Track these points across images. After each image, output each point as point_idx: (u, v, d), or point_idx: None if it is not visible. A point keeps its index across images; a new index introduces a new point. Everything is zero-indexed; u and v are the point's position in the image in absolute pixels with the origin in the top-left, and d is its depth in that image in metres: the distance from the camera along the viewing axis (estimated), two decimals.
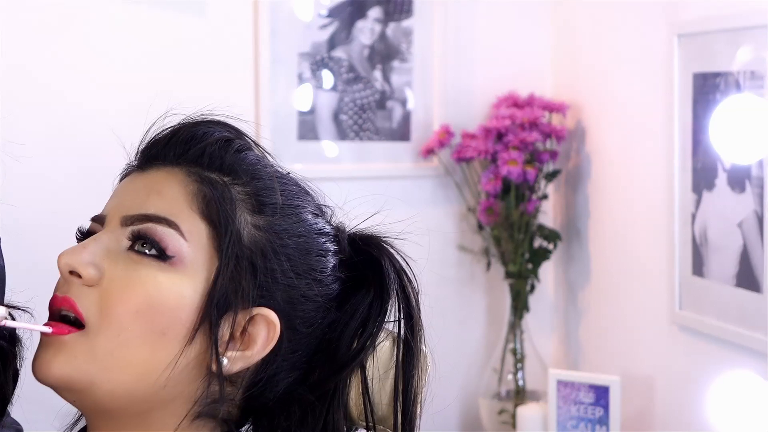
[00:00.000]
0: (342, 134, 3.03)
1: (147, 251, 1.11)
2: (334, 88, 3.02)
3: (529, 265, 3.03)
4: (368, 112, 3.05)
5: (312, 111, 3.00)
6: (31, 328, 1.17)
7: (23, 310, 1.32)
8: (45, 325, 1.13)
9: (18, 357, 1.32)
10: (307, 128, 3.00)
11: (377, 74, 3.04)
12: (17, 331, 1.28)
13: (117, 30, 2.79)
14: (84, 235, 1.18)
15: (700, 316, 2.54)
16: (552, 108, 3.02)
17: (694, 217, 2.55)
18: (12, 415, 1.51)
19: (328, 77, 3.01)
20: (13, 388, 1.34)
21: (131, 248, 1.12)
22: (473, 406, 3.10)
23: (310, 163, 2.94)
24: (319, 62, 2.99)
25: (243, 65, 2.90)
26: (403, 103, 3.08)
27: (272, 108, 2.93)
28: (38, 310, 1.31)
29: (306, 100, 3.00)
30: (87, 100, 2.75)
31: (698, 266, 2.55)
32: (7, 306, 1.31)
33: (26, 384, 1.33)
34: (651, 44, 2.72)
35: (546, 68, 3.16)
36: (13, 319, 1.31)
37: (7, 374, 1.31)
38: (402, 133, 3.08)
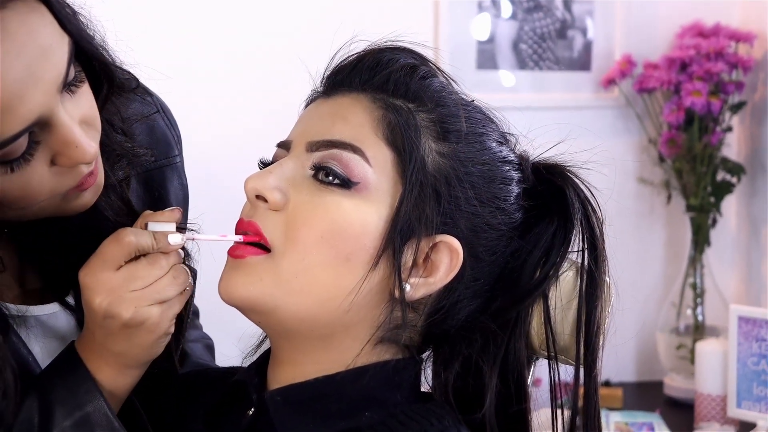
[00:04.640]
0: (521, 63, 3.00)
1: (332, 177, 1.12)
2: (513, 17, 2.98)
3: (712, 199, 2.96)
4: (548, 42, 3.00)
5: (491, 40, 2.97)
6: (221, 239, 1.18)
7: (195, 231, 1.34)
8: (235, 242, 1.14)
9: (190, 272, 1.34)
10: (486, 57, 2.97)
11: (558, 2, 2.99)
12: (190, 251, 1.29)
13: None
14: (267, 164, 1.19)
15: None
16: (739, 38, 2.93)
17: None
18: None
19: (507, 6, 2.98)
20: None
21: (316, 174, 1.13)
22: (651, 340, 3.06)
23: (487, 93, 2.89)
24: None
25: None
26: (584, 32, 3.02)
27: (451, 37, 2.91)
28: (217, 231, 1.32)
29: (485, 29, 2.97)
30: (272, 27, 2.78)
31: None
32: (183, 228, 1.34)
33: (212, 305, 1.35)
34: None
35: None
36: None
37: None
38: (582, 62, 3.03)
